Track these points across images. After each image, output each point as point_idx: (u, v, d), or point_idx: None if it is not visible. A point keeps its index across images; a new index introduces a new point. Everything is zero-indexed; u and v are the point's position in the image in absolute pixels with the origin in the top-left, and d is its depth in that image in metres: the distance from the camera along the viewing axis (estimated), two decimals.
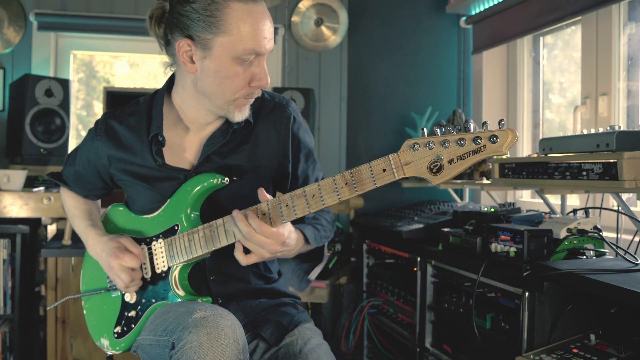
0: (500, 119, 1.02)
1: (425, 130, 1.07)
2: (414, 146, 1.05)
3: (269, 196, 1.21)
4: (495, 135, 0.99)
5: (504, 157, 2.14)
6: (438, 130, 1.04)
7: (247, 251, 1.24)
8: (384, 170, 1.07)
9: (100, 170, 1.43)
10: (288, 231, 1.23)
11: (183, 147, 1.37)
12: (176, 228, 1.32)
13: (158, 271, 1.33)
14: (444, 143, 1.02)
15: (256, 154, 1.36)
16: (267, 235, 1.18)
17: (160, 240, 1.33)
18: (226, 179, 1.29)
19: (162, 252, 1.33)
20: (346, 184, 1.10)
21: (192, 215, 1.31)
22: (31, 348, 2.57)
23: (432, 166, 1.03)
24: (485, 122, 1.02)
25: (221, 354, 1.07)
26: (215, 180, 1.29)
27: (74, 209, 1.50)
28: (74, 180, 1.50)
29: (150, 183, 1.35)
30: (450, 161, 1.02)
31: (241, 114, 1.29)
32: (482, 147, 1.00)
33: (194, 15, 1.19)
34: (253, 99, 1.30)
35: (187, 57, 1.23)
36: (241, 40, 1.19)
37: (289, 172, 1.41)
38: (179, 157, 1.36)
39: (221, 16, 1.18)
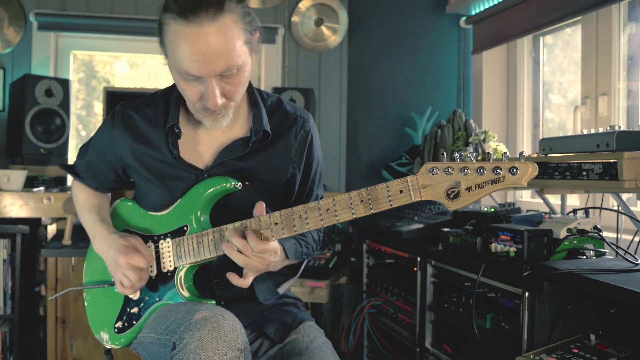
0: (520, 151, 1.04)
1: (445, 154, 1.08)
2: (432, 170, 1.05)
3: (263, 210, 1.23)
4: (515, 167, 1.00)
5: None
6: (457, 156, 1.05)
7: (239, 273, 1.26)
8: (401, 191, 1.07)
9: (113, 161, 1.41)
10: (276, 243, 1.24)
11: (197, 142, 1.36)
12: (185, 229, 1.31)
13: (164, 270, 1.33)
14: (463, 170, 1.03)
15: (272, 163, 1.37)
16: (264, 252, 1.19)
17: (168, 239, 1.33)
18: (239, 183, 1.29)
19: (169, 252, 1.32)
20: (362, 201, 1.10)
21: (202, 217, 1.31)
22: (31, 348, 2.57)
23: (449, 192, 1.04)
24: (505, 153, 1.04)
25: (222, 355, 1.07)
26: (229, 185, 1.28)
27: (84, 202, 1.48)
28: (86, 171, 1.48)
29: (163, 180, 1.35)
30: (469, 189, 1.03)
31: (210, 123, 1.26)
32: (501, 178, 1.01)
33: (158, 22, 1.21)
34: (222, 114, 1.25)
35: (164, 57, 1.25)
36: (176, 61, 1.17)
37: (297, 184, 1.41)
38: (193, 153, 1.36)
39: (163, 32, 1.18)
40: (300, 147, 1.39)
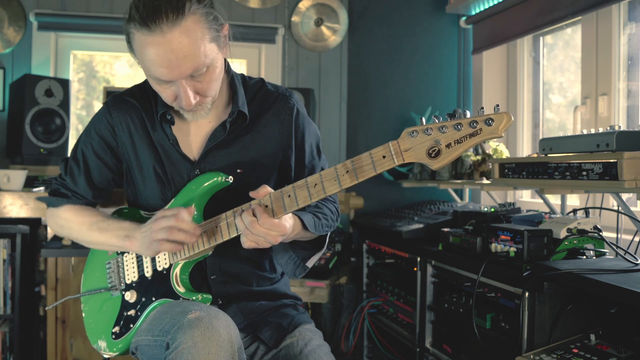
0: (495, 104, 1.05)
1: (424, 119, 1.09)
2: (412, 133, 1.07)
3: (269, 189, 1.20)
4: (490, 119, 1.01)
5: (503, 157, 2.14)
6: (436, 119, 1.06)
7: None
8: (384, 157, 1.09)
9: (114, 147, 1.39)
10: (287, 222, 1.22)
11: (186, 132, 1.37)
12: None
13: (159, 269, 1.33)
14: (442, 129, 1.04)
15: (259, 146, 1.37)
16: (269, 226, 1.17)
17: None
18: (230, 177, 1.30)
19: None
20: (347, 172, 1.11)
21: (195, 213, 1.30)
22: (31, 348, 2.58)
23: (430, 151, 1.06)
24: (482, 108, 1.05)
25: (215, 354, 1.07)
26: (220, 179, 1.29)
27: (81, 225, 1.40)
28: (79, 174, 1.41)
29: (160, 164, 1.35)
30: (448, 145, 1.04)
31: (190, 117, 1.28)
32: (479, 130, 1.02)
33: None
34: (199, 109, 1.26)
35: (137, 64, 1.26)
36: (145, 67, 1.19)
37: (292, 163, 1.41)
38: (184, 143, 1.36)
39: (131, 42, 1.19)
40: (287, 125, 1.39)
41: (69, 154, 2.81)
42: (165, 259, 1.32)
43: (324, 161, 1.48)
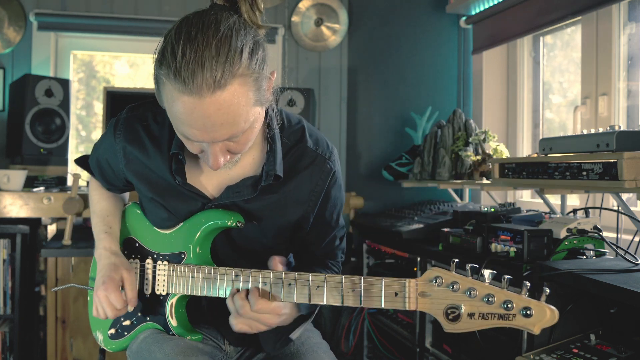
0: (544, 288, 0.90)
1: (455, 262, 0.97)
2: (436, 280, 0.96)
3: (278, 264, 1.14)
4: (529, 308, 0.88)
5: (503, 157, 2.14)
6: (469, 268, 0.95)
7: None
8: (396, 294, 0.98)
9: (116, 171, 1.32)
10: (285, 307, 1.13)
11: (202, 169, 1.26)
12: (183, 256, 1.25)
13: (157, 292, 1.28)
14: (470, 292, 0.93)
15: (283, 205, 1.25)
16: (263, 311, 1.08)
17: (165, 262, 1.27)
18: (242, 223, 1.22)
19: (164, 276, 1.27)
20: (353, 290, 1.02)
21: (199, 249, 1.26)
22: (31, 348, 2.58)
23: (449, 311, 0.93)
24: (529, 289, 0.92)
25: None
26: (231, 222, 1.21)
27: (95, 203, 1.39)
28: (96, 170, 1.39)
29: (165, 199, 1.26)
30: (471, 315, 0.92)
31: (210, 165, 1.12)
32: (510, 316, 0.89)
33: None
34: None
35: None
36: (173, 119, 1.01)
37: (309, 224, 1.31)
38: (199, 179, 1.26)
39: (160, 86, 1.00)
40: (317, 191, 1.26)
41: (69, 154, 2.82)
42: (164, 286, 1.27)
43: (340, 229, 1.37)
